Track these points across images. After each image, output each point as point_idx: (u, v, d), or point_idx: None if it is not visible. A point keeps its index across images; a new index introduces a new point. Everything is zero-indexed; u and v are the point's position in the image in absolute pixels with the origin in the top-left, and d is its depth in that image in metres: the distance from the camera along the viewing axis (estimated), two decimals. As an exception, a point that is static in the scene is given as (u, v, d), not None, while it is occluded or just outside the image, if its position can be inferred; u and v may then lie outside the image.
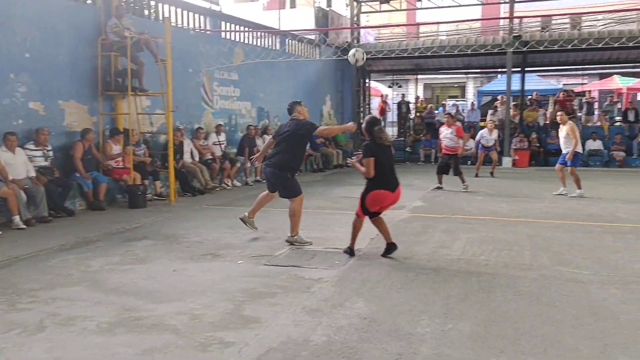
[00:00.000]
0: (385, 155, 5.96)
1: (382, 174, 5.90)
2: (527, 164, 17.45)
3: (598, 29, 19.97)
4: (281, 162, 6.64)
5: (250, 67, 13.89)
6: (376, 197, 5.93)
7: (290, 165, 6.70)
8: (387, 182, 5.94)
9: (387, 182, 5.95)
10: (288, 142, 6.68)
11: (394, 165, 6.13)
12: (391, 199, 6.03)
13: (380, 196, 5.93)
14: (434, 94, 35.91)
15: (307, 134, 6.87)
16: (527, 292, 4.82)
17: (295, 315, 4.26)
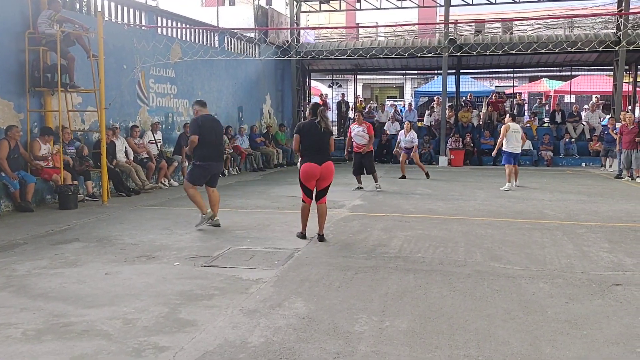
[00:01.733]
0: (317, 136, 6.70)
1: (310, 150, 6.68)
2: (462, 163, 18.00)
3: (528, 34, 20.84)
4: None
5: (188, 65, 13.61)
6: (306, 169, 6.67)
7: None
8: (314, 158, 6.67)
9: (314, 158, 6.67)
10: None
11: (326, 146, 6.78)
12: (318, 172, 6.66)
13: (309, 169, 6.64)
14: (373, 93, 36.42)
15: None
16: (462, 288, 4.95)
17: (233, 317, 4.19)
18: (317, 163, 6.63)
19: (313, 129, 6.69)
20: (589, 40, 16.90)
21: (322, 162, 6.64)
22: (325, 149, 6.75)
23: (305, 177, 6.68)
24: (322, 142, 6.72)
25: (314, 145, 6.69)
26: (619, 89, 17.37)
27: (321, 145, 6.71)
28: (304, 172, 6.67)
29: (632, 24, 19.18)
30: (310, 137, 6.69)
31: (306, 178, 6.68)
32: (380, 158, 18.83)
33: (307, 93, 22.59)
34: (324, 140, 6.73)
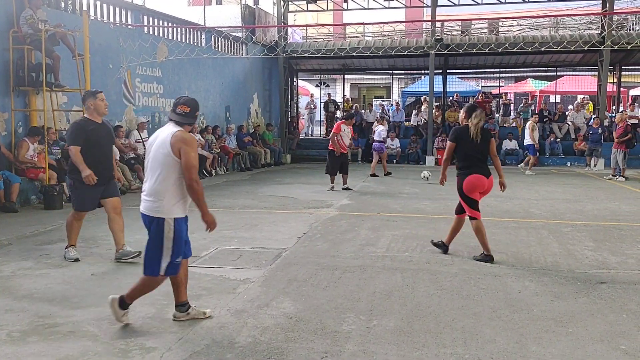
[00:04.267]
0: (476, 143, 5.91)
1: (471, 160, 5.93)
2: (449, 163, 18.04)
3: (514, 34, 21.01)
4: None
5: (174, 64, 13.55)
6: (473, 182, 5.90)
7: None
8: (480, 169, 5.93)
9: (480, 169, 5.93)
10: None
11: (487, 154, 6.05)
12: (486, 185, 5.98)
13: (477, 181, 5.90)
14: (360, 93, 36.48)
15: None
16: (449, 287, 4.98)
17: (220, 318, 4.18)
18: (484, 175, 5.90)
19: (469, 136, 5.90)
20: (574, 40, 17.08)
21: (488, 174, 5.94)
22: (486, 158, 6.02)
23: (470, 188, 5.91)
24: (484, 150, 5.99)
25: (475, 155, 5.93)
26: (603, 88, 17.56)
27: (483, 154, 5.99)
28: (471, 184, 5.88)
29: (616, 24, 19.42)
30: (469, 144, 5.91)
31: (471, 190, 5.92)
32: (368, 158, 18.86)
33: (295, 93, 22.58)
34: (485, 147, 5.99)
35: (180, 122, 3.95)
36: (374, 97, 34.66)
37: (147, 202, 3.90)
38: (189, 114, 3.97)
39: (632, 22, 26.82)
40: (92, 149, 5.66)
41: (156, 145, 3.90)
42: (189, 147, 3.80)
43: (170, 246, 3.84)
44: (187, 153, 3.77)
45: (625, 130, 13.75)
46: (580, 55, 19.72)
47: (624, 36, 16.89)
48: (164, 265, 3.86)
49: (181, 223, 3.92)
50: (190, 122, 4.00)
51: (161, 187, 3.82)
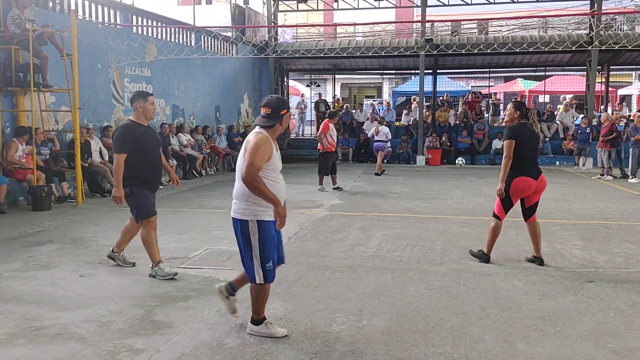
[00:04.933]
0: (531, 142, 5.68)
1: (525, 160, 5.63)
2: (439, 162, 18.14)
3: (503, 34, 21.11)
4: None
5: (164, 64, 13.48)
6: (521, 185, 5.61)
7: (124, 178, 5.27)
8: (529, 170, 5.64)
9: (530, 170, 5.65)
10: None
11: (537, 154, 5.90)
12: (534, 187, 5.66)
13: (525, 184, 5.61)
14: (351, 93, 36.52)
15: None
16: (438, 286, 5.00)
17: (209, 319, 4.17)
18: (533, 177, 5.63)
19: (528, 134, 5.64)
20: (562, 40, 17.19)
21: (537, 175, 5.66)
22: (537, 157, 5.91)
23: (517, 192, 5.64)
24: (536, 150, 5.85)
25: (529, 154, 5.67)
26: (591, 88, 17.68)
27: (535, 154, 5.83)
28: (518, 187, 5.61)
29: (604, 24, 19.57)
30: (526, 144, 5.62)
31: (517, 193, 5.66)
32: (359, 157, 18.90)
33: (286, 93, 22.56)
34: (537, 148, 5.85)
35: (265, 126, 3.74)
36: (365, 97, 34.70)
37: (233, 205, 3.81)
38: (272, 114, 3.74)
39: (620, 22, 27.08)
40: (141, 154, 5.22)
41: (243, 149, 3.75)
42: (252, 147, 3.61)
43: (257, 251, 3.69)
44: (249, 153, 3.60)
45: (610, 129, 13.85)
46: (569, 55, 19.84)
47: (612, 36, 17.02)
48: (260, 271, 3.73)
49: (266, 226, 3.70)
50: (274, 123, 3.75)
51: (241, 188, 3.70)
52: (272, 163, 3.74)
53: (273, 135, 3.78)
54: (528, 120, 5.67)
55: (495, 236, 5.83)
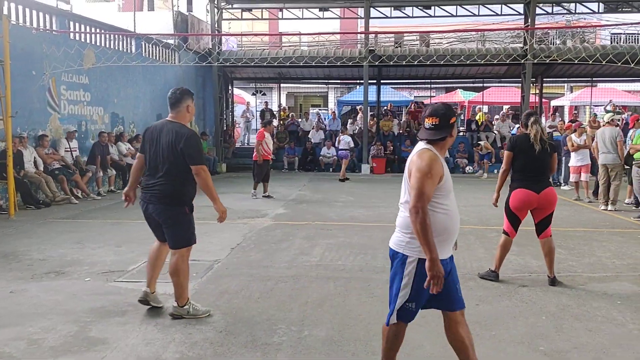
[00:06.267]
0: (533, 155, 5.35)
1: (524, 172, 5.38)
2: (384, 171, 18.42)
3: (443, 46, 21.73)
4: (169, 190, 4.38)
5: (102, 71, 13.11)
6: (519, 197, 5.37)
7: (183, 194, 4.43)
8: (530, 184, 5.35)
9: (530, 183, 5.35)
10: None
11: (545, 168, 5.48)
12: (535, 201, 5.36)
13: (524, 196, 5.34)
14: (297, 102, 36.62)
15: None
16: (380, 294, 5.05)
17: (147, 334, 4.05)
18: (534, 191, 5.31)
19: (528, 146, 5.36)
20: (498, 53, 17.85)
21: (540, 189, 5.31)
22: (544, 171, 5.46)
23: (516, 205, 5.43)
24: (541, 163, 5.41)
25: (529, 167, 5.38)
26: (526, 99, 18.42)
27: (539, 167, 5.41)
28: (516, 200, 5.40)
29: (537, 38, 20.47)
30: (525, 155, 5.38)
31: (518, 207, 5.43)
32: (305, 166, 18.94)
33: (230, 101, 22.38)
34: (543, 160, 5.41)
35: (433, 140, 3.11)
36: (311, 106, 34.87)
37: (394, 233, 3.25)
38: (441, 125, 3.09)
39: (552, 36, 28.41)
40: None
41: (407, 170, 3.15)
42: (421, 171, 2.98)
43: (408, 290, 3.14)
44: (416, 178, 2.99)
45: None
46: (505, 67, 20.61)
47: (545, 50, 17.82)
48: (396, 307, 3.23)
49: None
50: (445, 135, 3.11)
51: (406, 219, 3.07)
52: (444, 186, 3.08)
53: (442, 150, 3.16)
54: (527, 130, 5.44)
55: (504, 253, 5.56)
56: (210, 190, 4.35)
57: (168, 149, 4.30)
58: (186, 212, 4.41)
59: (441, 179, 3.03)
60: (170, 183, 4.31)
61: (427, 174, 2.95)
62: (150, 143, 4.42)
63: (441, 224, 3.05)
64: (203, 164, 4.34)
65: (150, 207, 4.37)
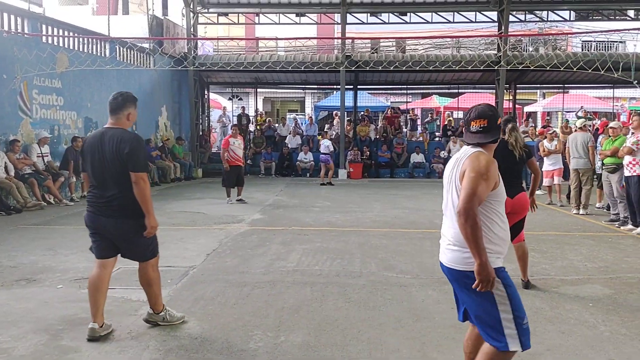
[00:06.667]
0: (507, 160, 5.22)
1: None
2: (360, 176, 18.49)
3: (419, 53, 21.95)
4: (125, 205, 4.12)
5: (76, 75, 12.92)
6: None
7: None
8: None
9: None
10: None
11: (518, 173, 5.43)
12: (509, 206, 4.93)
13: None
14: (274, 107, 36.56)
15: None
16: (357, 299, 5.06)
17: (120, 341, 3.99)
18: (508, 196, 5.11)
19: (502, 151, 5.13)
20: (473, 59, 18.11)
21: (514, 194, 5.14)
22: (518, 176, 5.41)
23: None
24: (514, 169, 5.36)
25: (504, 172, 5.44)
26: (500, 106, 18.68)
27: (513, 172, 5.34)
28: None
29: (511, 45, 20.81)
30: (502, 161, 5.17)
31: None
32: (282, 171, 18.90)
33: (206, 106, 22.25)
34: (518, 165, 5.39)
35: (482, 143, 2.92)
36: (288, 111, 34.86)
37: (447, 250, 2.96)
38: (490, 127, 2.91)
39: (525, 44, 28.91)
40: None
41: (450, 168, 2.98)
42: (476, 171, 2.79)
43: (508, 307, 2.82)
44: (470, 179, 2.78)
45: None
46: (480, 74, 20.92)
47: (518, 57, 18.12)
48: (515, 333, 2.83)
49: (507, 273, 2.92)
50: (496, 137, 2.94)
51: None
52: (498, 192, 2.91)
53: (491, 154, 2.97)
54: (506, 136, 5.37)
55: (520, 259, 5.47)
56: (147, 201, 4.05)
57: (114, 158, 4.01)
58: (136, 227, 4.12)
59: (496, 184, 2.88)
60: (127, 194, 4.02)
61: (483, 175, 2.78)
62: (92, 155, 4.09)
63: (499, 232, 2.91)
64: (145, 172, 4.09)
65: (106, 221, 4.05)
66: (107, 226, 4.07)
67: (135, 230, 4.08)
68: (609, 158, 9.20)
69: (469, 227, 2.71)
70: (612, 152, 9.08)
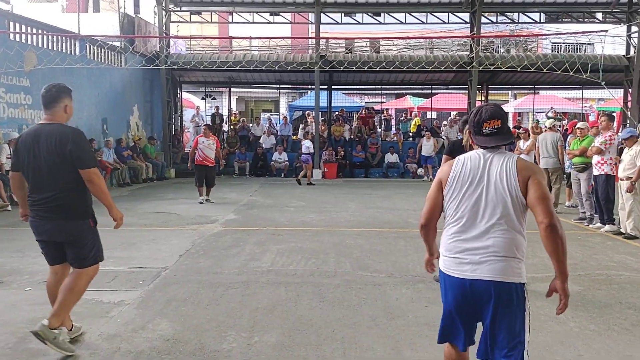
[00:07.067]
0: None
1: None
2: (335, 176, 18.51)
3: (393, 53, 22.10)
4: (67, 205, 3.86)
5: (45, 73, 12.64)
6: None
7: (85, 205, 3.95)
8: None
9: None
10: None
11: None
12: None
13: None
14: (248, 107, 36.37)
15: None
16: (331, 298, 5.05)
17: (90, 344, 3.91)
18: None
19: (461, 150, 5.07)
20: (445, 60, 18.28)
21: None
22: None
23: None
24: None
25: None
26: (472, 106, 18.90)
27: None
28: None
29: (483, 47, 21.08)
30: None
31: None
32: (256, 172, 18.80)
33: (179, 105, 22.01)
34: None
35: (499, 147, 2.76)
36: (262, 111, 34.72)
37: (498, 262, 2.66)
38: (503, 128, 2.74)
39: (497, 45, 29.34)
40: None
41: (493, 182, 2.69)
42: (543, 179, 2.71)
43: (529, 321, 2.72)
44: (543, 186, 2.67)
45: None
46: (452, 74, 21.13)
47: (489, 58, 18.37)
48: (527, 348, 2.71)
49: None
50: (512, 139, 2.83)
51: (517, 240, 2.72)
52: None
53: None
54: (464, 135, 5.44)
55: None
56: (106, 196, 3.88)
57: (53, 155, 3.72)
58: (91, 226, 3.94)
59: None
60: (67, 194, 3.77)
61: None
62: (28, 154, 3.79)
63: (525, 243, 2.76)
64: (95, 167, 3.84)
65: (48, 225, 3.80)
66: (50, 230, 3.83)
67: (77, 232, 3.85)
68: (578, 157, 9.39)
69: (562, 239, 2.59)
70: (580, 151, 9.27)
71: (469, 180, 2.72)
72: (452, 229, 2.80)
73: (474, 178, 2.71)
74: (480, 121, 2.74)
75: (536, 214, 2.61)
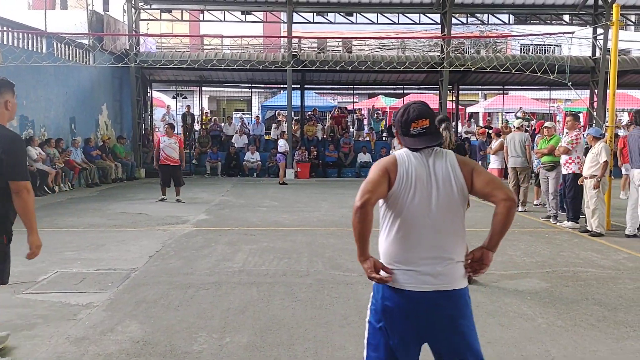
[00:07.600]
0: None
1: None
2: (308, 175, 18.51)
3: (365, 53, 22.20)
4: None
5: (9, 71, 12.31)
6: None
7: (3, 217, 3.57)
8: None
9: None
10: None
11: None
12: None
13: None
14: (219, 106, 36.09)
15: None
16: (303, 298, 5.05)
17: (57, 347, 3.83)
18: None
19: None
20: (417, 60, 18.46)
21: None
22: None
23: None
24: None
25: None
26: (443, 106, 19.13)
27: None
28: None
29: (453, 47, 21.34)
30: None
31: None
32: (228, 171, 18.68)
33: (149, 104, 21.72)
34: None
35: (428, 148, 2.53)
36: (234, 110, 34.49)
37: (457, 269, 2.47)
38: (432, 128, 2.55)
39: (467, 46, 29.76)
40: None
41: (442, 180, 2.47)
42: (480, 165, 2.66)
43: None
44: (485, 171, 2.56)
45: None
46: (424, 75, 21.34)
47: (460, 58, 18.61)
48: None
49: None
50: (441, 141, 2.60)
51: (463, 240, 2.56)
52: None
53: None
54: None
55: None
56: (30, 216, 3.41)
57: None
58: (4, 242, 3.56)
59: None
60: None
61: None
62: None
63: None
64: (28, 180, 3.40)
65: None
66: None
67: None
68: (546, 156, 9.58)
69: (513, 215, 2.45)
70: (548, 150, 9.45)
71: (416, 179, 2.45)
72: (397, 234, 2.48)
73: (420, 177, 2.45)
74: (408, 121, 2.53)
75: (493, 195, 2.43)
